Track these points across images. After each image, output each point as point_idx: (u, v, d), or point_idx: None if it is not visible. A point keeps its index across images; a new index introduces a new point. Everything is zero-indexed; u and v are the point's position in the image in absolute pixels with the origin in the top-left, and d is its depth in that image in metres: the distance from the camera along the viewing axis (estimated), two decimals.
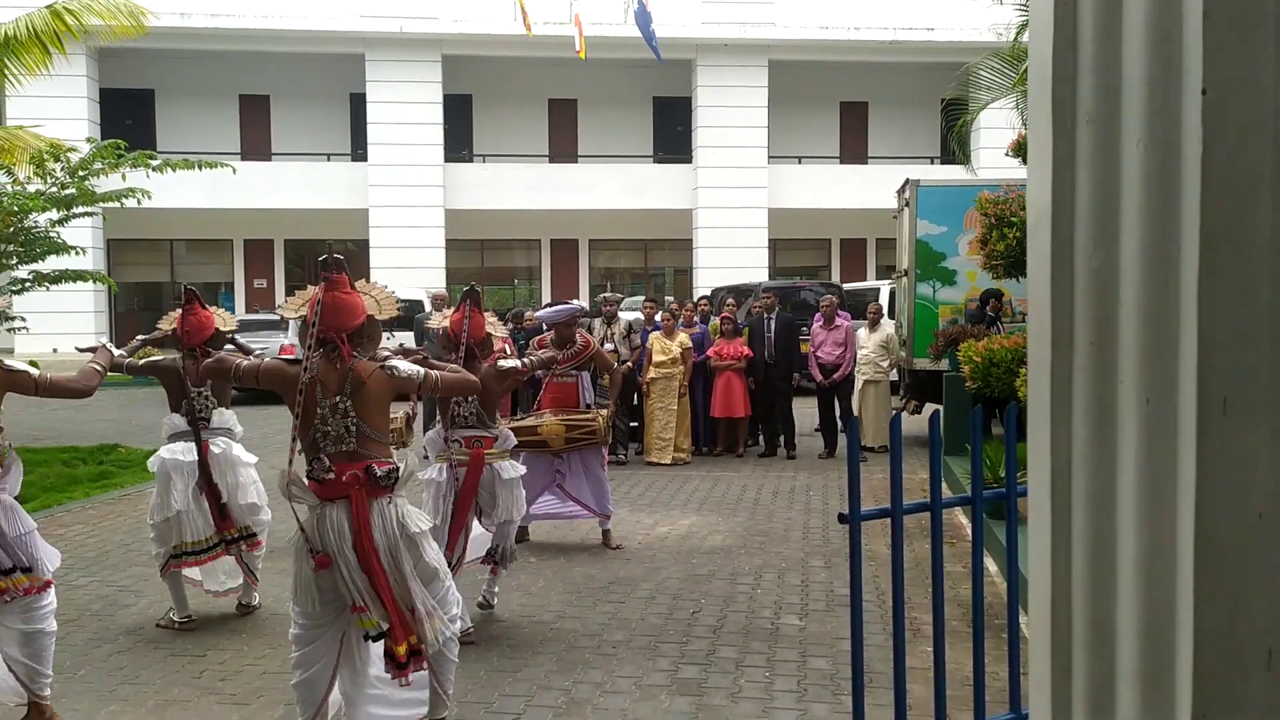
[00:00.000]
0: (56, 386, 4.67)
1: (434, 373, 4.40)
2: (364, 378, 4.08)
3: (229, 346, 6.33)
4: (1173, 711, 0.99)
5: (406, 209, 27.78)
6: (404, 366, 4.24)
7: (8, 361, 4.61)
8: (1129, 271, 1.05)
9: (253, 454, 6.30)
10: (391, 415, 8.13)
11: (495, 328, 6.11)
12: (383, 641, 4.10)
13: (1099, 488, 1.08)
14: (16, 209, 11.35)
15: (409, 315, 15.93)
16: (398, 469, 4.12)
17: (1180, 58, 0.99)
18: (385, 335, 8.31)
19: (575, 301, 8.48)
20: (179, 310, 6.12)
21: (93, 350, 4.99)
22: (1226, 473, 0.96)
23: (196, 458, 5.92)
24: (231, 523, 6.02)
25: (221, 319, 6.21)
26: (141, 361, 6.09)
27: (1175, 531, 0.99)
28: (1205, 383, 0.96)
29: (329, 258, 4.11)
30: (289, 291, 29.96)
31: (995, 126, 16.34)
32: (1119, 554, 1.06)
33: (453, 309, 5.98)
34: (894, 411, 12.85)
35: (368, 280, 4.42)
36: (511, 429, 7.94)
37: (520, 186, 28.66)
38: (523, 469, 6.17)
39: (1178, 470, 0.99)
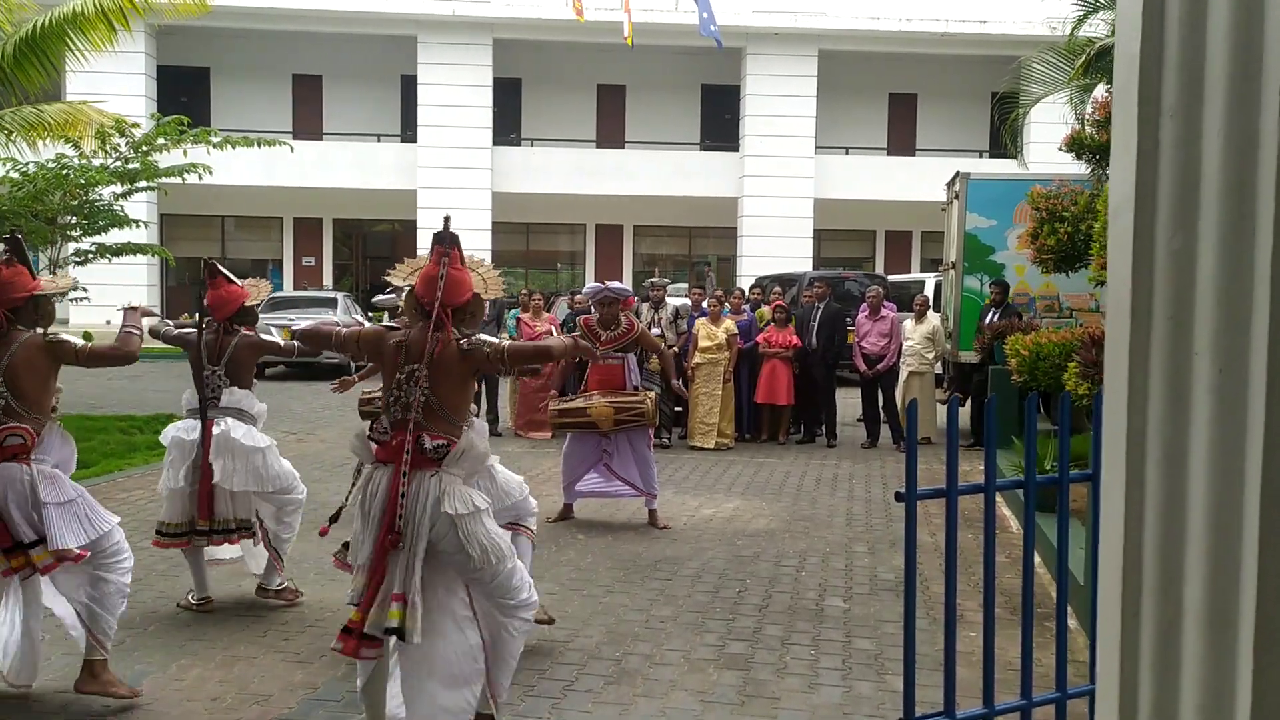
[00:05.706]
0: (96, 355, 4.61)
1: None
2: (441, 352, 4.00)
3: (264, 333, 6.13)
4: (1235, 650, 1.10)
5: (454, 191, 27.99)
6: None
7: (52, 333, 4.54)
8: (1206, 253, 1.16)
9: (273, 435, 5.94)
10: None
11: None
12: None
13: (1174, 449, 1.18)
14: (83, 181, 11.65)
15: None
16: (448, 444, 3.96)
17: (1260, 59, 1.10)
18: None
19: (614, 283, 8.49)
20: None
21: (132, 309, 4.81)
22: None
23: (198, 437, 5.63)
24: (210, 513, 5.66)
25: (257, 290, 5.96)
26: (175, 330, 5.97)
27: (1243, 488, 1.10)
28: (1275, 353, 1.07)
29: (443, 232, 4.11)
30: (337, 270, 30.47)
31: (1046, 121, 16.23)
32: (1189, 507, 1.16)
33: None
34: (939, 403, 12.89)
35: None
36: (560, 410, 8.13)
37: (567, 171, 28.82)
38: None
39: (1246, 432, 1.10)
